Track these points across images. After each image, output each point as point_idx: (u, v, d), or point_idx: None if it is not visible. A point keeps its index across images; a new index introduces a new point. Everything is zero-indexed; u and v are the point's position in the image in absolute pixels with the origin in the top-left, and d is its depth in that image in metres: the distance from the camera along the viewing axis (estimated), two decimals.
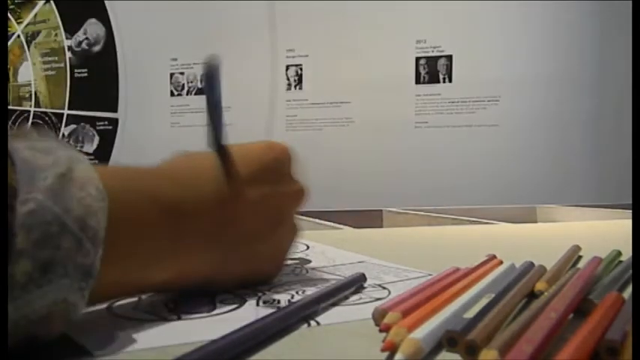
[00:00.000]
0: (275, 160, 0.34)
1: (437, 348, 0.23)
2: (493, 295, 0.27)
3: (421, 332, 0.22)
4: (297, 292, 0.32)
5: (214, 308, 0.29)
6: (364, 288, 0.34)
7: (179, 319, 0.27)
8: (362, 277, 0.34)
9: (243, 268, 0.32)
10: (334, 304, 0.30)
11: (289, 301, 0.31)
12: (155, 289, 0.30)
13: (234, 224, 0.31)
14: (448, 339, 0.23)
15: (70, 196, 0.21)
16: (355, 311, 0.29)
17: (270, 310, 0.28)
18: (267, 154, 0.33)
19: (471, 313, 0.25)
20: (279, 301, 0.30)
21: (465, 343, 0.22)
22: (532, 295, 0.31)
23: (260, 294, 0.32)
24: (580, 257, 0.43)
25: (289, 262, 0.41)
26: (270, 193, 0.33)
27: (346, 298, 0.31)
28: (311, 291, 0.33)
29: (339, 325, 0.27)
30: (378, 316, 0.26)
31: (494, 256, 0.39)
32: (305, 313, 0.27)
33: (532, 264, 0.36)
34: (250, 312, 0.29)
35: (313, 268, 0.40)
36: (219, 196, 0.30)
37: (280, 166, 0.34)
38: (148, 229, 0.27)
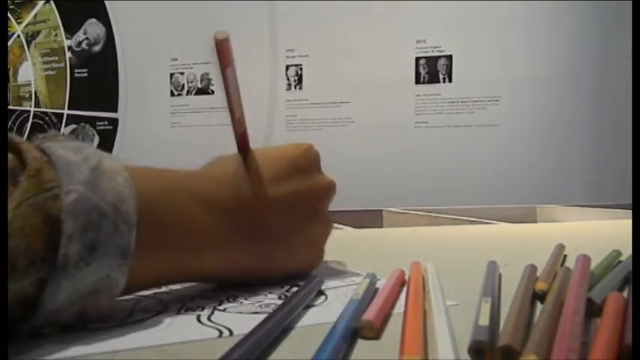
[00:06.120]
0: (303, 158, 0.37)
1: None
2: (490, 299, 0.27)
3: (446, 352, 0.20)
4: (228, 299, 0.32)
5: (131, 315, 0.28)
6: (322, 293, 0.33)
7: (85, 329, 0.26)
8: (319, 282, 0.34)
9: (284, 260, 0.35)
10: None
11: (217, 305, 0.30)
12: (204, 278, 0.33)
13: (268, 219, 0.33)
14: (476, 349, 0.21)
15: (103, 186, 0.25)
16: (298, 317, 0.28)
17: (190, 317, 0.28)
18: (295, 153, 0.36)
19: (484, 320, 0.23)
20: (202, 308, 0.30)
21: (502, 350, 0.21)
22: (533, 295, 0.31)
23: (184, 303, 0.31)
24: (565, 256, 0.43)
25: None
26: (302, 188, 0.35)
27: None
28: (243, 297, 0.32)
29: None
30: (366, 329, 0.25)
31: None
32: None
33: (495, 263, 0.36)
34: (167, 321, 0.28)
35: None
36: (249, 194, 0.33)
37: (308, 163, 0.37)
38: (188, 219, 0.30)
